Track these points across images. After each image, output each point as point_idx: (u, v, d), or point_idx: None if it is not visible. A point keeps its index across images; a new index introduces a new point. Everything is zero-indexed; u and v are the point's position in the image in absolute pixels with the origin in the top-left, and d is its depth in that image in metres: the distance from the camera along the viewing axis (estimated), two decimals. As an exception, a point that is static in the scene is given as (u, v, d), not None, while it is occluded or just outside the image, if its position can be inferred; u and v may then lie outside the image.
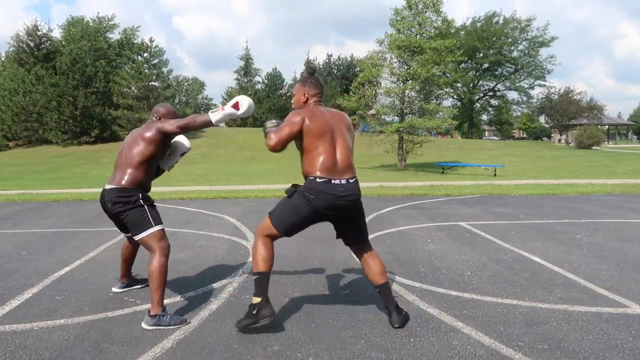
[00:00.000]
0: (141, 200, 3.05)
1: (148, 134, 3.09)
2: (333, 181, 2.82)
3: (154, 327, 2.88)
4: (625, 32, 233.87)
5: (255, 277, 2.87)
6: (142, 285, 3.70)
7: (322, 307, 3.27)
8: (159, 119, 3.25)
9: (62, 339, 2.78)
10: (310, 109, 2.97)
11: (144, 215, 3.03)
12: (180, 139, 3.44)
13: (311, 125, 2.86)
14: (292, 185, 2.98)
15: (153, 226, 3.03)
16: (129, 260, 3.61)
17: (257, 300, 2.81)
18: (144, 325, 2.90)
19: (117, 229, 3.38)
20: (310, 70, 9.22)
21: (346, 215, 2.96)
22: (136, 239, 3.09)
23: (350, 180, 2.88)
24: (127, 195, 3.04)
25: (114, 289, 3.62)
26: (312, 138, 2.85)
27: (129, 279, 3.67)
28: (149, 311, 2.94)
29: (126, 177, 3.06)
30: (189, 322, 2.96)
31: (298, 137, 2.88)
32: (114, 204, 3.05)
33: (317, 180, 2.82)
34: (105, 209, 3.15)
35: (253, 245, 2.96)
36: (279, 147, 2.86)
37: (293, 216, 2.89)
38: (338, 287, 3.71)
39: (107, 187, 3.10)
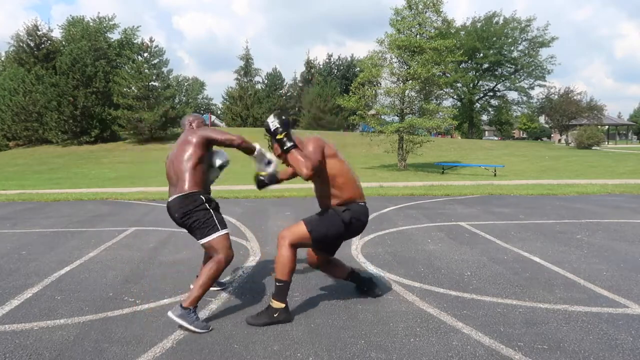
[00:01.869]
0: (206, 204, 3.02)
1: (194, 139, 3.08)
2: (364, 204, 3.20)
3: (177, 319, 2.82)
4: (625, 32, 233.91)
5: (280, 284, 2.97)
6: (219, 288, 3.63)
7: (322, 307, 3.27)
8: (191, 124, 3.35)
9: (62, 339, 2.78)
10: (316, 138, 3.11)
11: (209, 218, 2.99)
12: (218, 151, 3.37)
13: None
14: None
15: (219, 229, 2.99)
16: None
17: (279, 305, 2.96)
18: (169, 314, 2.86)
19: (117, 228, 3.39)
20: (266, 126, 7.53)
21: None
22: (201, 243, 3.03)
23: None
24: (191, 200, 3.00)
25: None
26: (335, 166, 3.11)
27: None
28: (181, 302, 2.90)
29: (187, 183, 3.02)
30: (212, 329, 2.89)
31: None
32: (179, 210, 3.01)
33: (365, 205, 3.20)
34: (174, 220, 3.11)
35: (283, 253, 2.97)
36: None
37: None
38: (338, 287, 3.71)
39: (170, 199, 3.07)
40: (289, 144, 2.88)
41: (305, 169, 2.84)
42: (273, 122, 2.91)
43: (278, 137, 2.88)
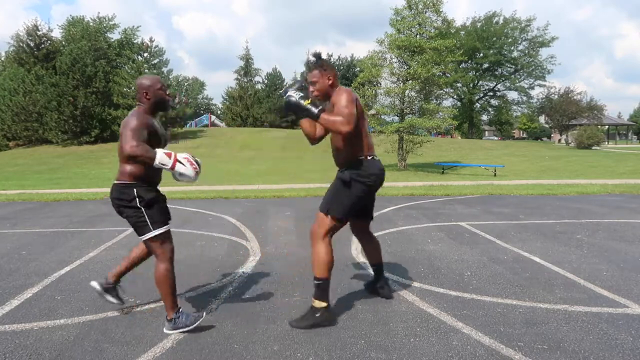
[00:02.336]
0: (136, 200, 2.80)
1: (122, 128, 2.77)
2: (375, 158, 3.08)
3: (172, 332, 2.81)
4: (625, 32, 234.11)
5: (320, 282, 2.89)
6: (118, 302, 3.19)
7: (322, 307, 3.26)
8: (146, 95, 2.90)
9: (62, 339, 2.78)
10: (349, 90, 2.94)
11: (140, 218, 2.81)
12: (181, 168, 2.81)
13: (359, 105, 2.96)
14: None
15: (151, 230, 2.82)
16: (132, 261, 3.21)
17: (321, 304, 2.89)
18: (165, 331, 2.84)
19: (117, 228, 3.34)
20: (317, 54, 7.88)
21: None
22: (140, 239, 2.94)
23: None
24: (124, 192, 2.82)
25: (94, 283, 3.18)
26: (361, 119, 2.99)
27: (115, 283, 3.20)
28: (166, 316, 2.86)
29: (123, 171, 2.84)
30: (204, 316, 2.89)
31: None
32: (114, 201, 2.89)
33: (373, 159, 3.05)
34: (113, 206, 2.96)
35: (318, 249, 2.91)
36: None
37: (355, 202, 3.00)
38: (338, 287, 3.70)
39: (113, 182, 2.92)
40: (315, 110, 2.79)
41: (342, 125, 2.76)
42: (295, 93, 2.80)
43: (305, 103, 2.78)
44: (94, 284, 3.18)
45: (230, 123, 44.89)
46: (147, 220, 2.82)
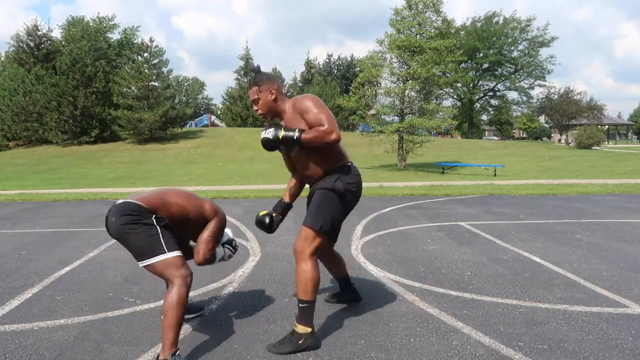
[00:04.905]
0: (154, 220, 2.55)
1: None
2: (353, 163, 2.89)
3: None
4: (625, 32, 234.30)
5: (304, 305, 2.60)
6: (193, 315, 3.06)
7: (322, 307, 3.26)
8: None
9: (62, 339, 2.78)
10: (310, 95, 2.76)
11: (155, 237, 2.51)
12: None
13: None
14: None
15: (165, 252, 2.47)
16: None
17: (305, 330, 2.59)
18: None
19: None
20: (254, 69, 2.82)
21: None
22: (141, 266, 2.52)
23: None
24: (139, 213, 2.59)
25: None
26: None
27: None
28: (157, 356, 2.39)
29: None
30: None
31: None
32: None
33: (352, 164, 2.86)
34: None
35: (304, 267, 2.62)
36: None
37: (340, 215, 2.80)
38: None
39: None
40: (295, 133, 2.57)
41: (329, 135, 2.55)
42: (269, 132, 2.63)
43: (281, 135, 2.57)
44: None
45: (230, 123, 44.87)
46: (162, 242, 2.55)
